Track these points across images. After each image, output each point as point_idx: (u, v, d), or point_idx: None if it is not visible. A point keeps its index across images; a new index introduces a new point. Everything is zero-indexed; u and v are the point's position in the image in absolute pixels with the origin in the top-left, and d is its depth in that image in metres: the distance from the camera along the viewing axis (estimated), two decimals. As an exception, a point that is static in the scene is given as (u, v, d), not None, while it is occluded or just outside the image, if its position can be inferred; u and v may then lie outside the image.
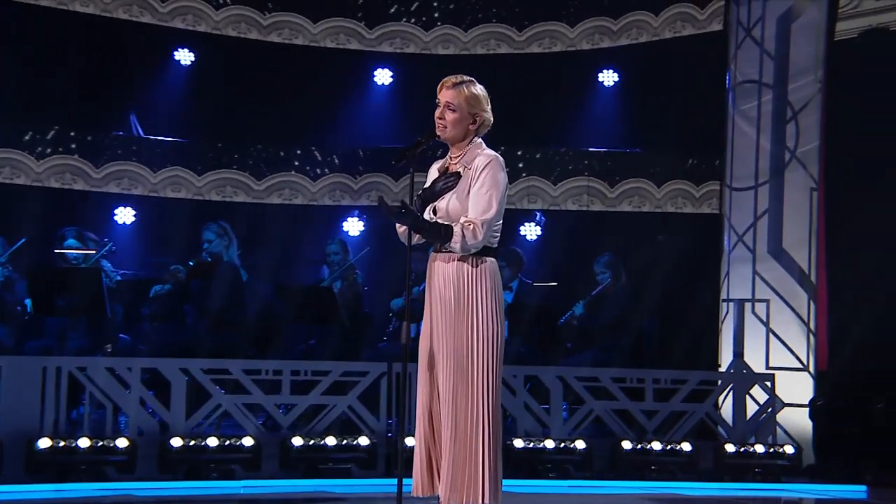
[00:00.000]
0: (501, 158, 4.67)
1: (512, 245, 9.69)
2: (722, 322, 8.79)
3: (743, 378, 7.93)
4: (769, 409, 7.85)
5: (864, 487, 7.50)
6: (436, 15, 11.54)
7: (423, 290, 4.78)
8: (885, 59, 9.32)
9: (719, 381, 8.05)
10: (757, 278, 8.64)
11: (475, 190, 4.59)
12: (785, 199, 8.61)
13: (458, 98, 4.70)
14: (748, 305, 8.62)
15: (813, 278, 8.57)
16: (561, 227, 10.36)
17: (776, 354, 8.54)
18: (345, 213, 11.15)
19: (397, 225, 4.77)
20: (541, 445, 7.38)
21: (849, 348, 8.85)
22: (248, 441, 7.05)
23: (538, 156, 10.79)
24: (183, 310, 8.35)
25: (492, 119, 4.71)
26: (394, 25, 11.57)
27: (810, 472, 7.65)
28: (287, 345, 8.57)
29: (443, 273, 4.65)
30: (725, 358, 8.70)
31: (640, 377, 7.71)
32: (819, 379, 8.51)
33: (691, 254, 9.48)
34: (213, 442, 6.99)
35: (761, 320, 8.57)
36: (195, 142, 11.01)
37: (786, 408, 8.20)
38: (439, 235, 4.56)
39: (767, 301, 8.59)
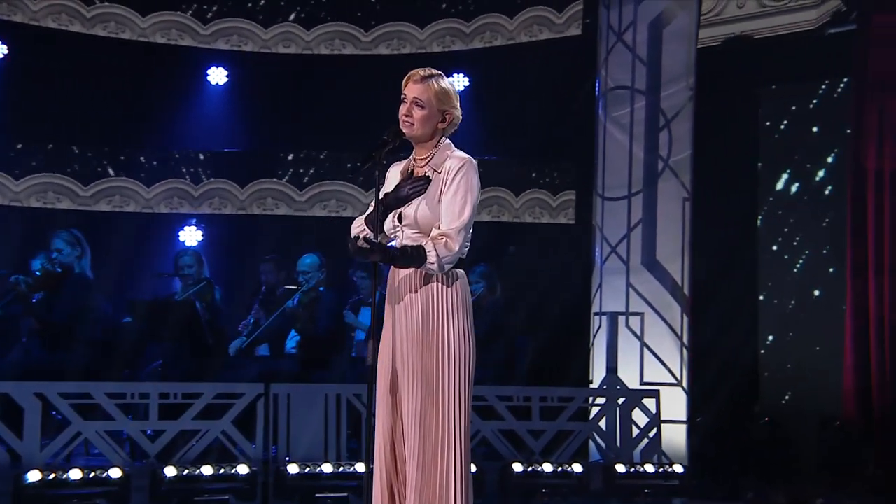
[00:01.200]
0: (475, 161, 4.36)
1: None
2: (594, 336, 8.72)
3: (631, 394, 7.85)
4: (654, 428, 7.78)
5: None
6: (276, 12, 11.12)
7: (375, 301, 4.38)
8: (749, 67, 9.50)
9: (605, 399, 7.94)
10: (631, 291, 8.59)
11: (449, 197, 4.29)
12: (658, 210, 8.61)
13: (427, 93, 4.38)
14: (622, 319, 8.58)
15: (686, 291, 8.58)
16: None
17: (650, 369, 8.51)
18: (182, 221, 10.60)
19: (360, 232, 4.42)
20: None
21: (717, 362, 8.94)
22: (115, 472, 6.52)
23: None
24: (24, 325, 7.72)
25: (461, 117, 4.39)
26: (230, 21, 11.10)
27: (690, 491, 7.61)
28: (140, 365, 8.05)
29: (408, 286, 4.32)
30: (598, 373, 8.63)
31: (526, 395, 7.53)
32: (692, 394, 8.52)
33: (561, 266, 9.41)
34: (75, 475, 6.43)
35: (635, 334, 8.54)
36: (6, 143, 10.27)
37: (661, 425, 8.14)
38: (414, 260, 4.23)
39: (642, 314, 8.56)
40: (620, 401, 7.82)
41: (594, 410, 8.05)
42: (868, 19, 8.77)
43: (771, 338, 9.64)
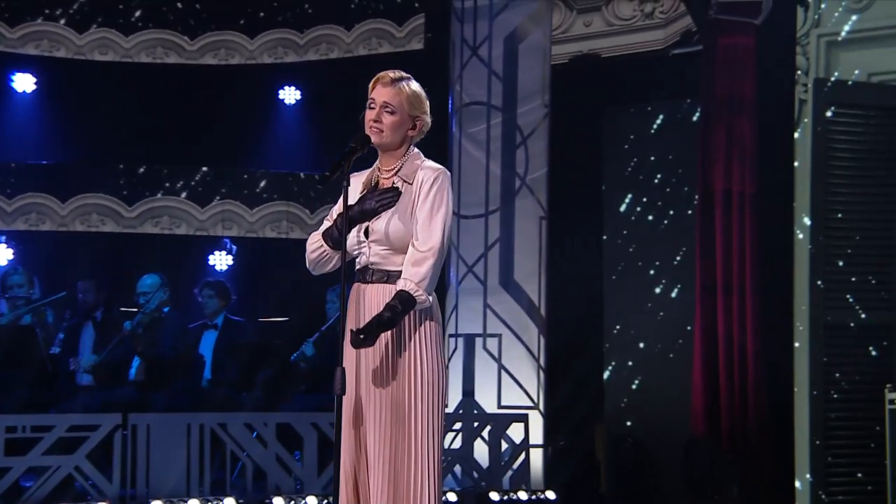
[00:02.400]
0: (448, 173, 4.10)
1: (207, 277, 9.02)
2: (450, 359, 8.55)
3: (498, 419, 7.72)
4: (523, 453, 7.67)
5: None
6: (90, 17, 10.54)
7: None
8: (596, 86, 9.55)
9: (461, 423, 7.78)
10: (489, 311, 8.47)
11: (424, 213, 4.02)
12: (516, 228, 8.53)
13: (398, 97, 4.11)
14: (479, 340, 8.44)
15: (542, 311, 8.53)
16: (258, 255, 9.75)
17: (508, 392, 8.41)
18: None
19: (312, 251, 4.09)
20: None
21: (571, 385, 8.92)
22: (-41, 517, 5.95)
23: (230, 177, 10.12)
24: None
25: (430, 124, 4.13)
26: (40, 25, 10.46)
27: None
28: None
29: (378, 307, 4.00)
30: (454, 397, 8.45)
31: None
32: (548, 417, 8.46)
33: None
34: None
35: (493, 356, 8.42)
36: None
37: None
38: (407, 308, 3.95)
39: (499, 335, 8.46)
40: (488, 426, 7.67)
41: (450, 436, 7.89)
42: (714, 41, 8.94)
43: (619, 360, 9.69)
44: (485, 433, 7.65)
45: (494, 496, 7.30)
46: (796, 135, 8.68)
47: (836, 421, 8.38)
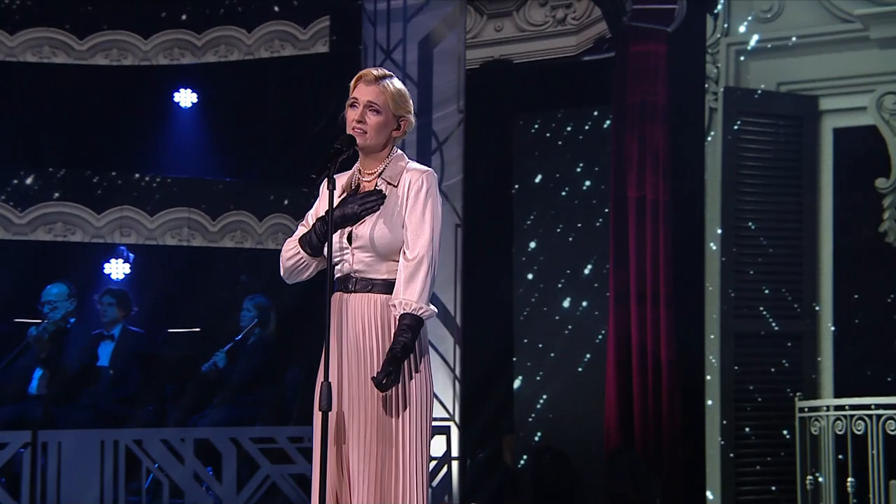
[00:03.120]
0: (436, 174, 3.91)
1: (106, 285, 8.67)
2: (363, 370, 8.33)
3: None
4: (445, 465, 7.51)
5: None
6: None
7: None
8: (507, 92, 9.47)
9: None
10: (404, 321, 8.27)
11: (416, 219, 3.83)
12: (434, 237, 8.33)
13: (383, 96, 3.92)
14: (394, 351, 8.23)
15: (458, 321, 8.39)
16: (157, 263, 9.41)
17: (423, 403, 8.22)
18: None
19: (288, 259, 3.86)
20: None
21: (485, 396, 8.81)
22: None
23: (128, 182, 9.75)
24: None
25: (414, 124, 3.94)
26: None
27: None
28: None
29: (361, 317, 3.80)
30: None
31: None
32: (464, 429, 8.32)
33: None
34: None
35: (408, 366, 8.21)
36: None
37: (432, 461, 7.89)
38: (418, 326, 3.82)
39: (416, 346, 8.24)
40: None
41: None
42: (627, 48, 8.93)
43: (529, 371, 9.61)
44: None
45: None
46: (707, 143, 8.73)
47: (748, 430, 8.43)
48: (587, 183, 9.57)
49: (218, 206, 9.89)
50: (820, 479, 7.99)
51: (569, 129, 9.65)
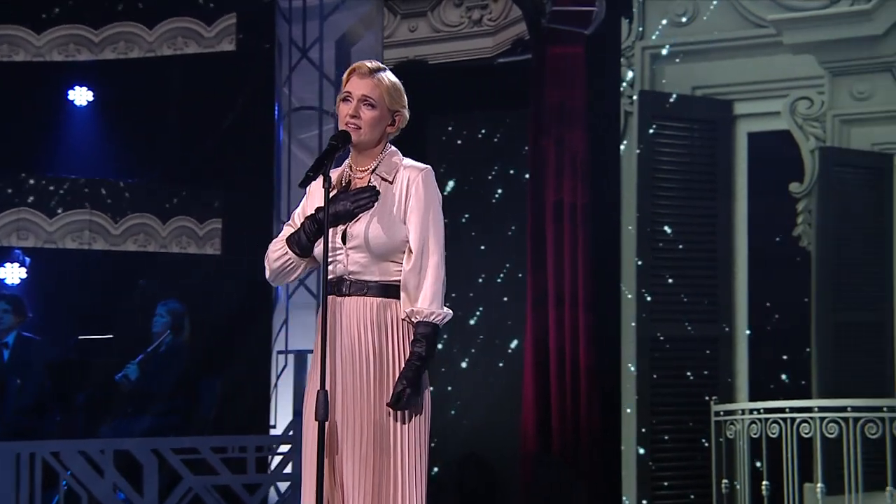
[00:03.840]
0: (432, 170, 3.74)
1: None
2: (279, 377, 8.11)
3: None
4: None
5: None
6: None
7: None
8: (423, 93, 9.29)
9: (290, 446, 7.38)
10: (323, 326, 8.07)
11: (418, 217, 3.63)
12: (351, 239, 8.15)
13: (378, 90, 3.76)
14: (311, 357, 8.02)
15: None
16: (57, 267, 9.03)
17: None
18: None
19: (276, 260, 3.65)
20: (151, 536, 6.23)
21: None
22: None
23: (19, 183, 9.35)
24: None
25: (408, 119, 3.77)
26: None
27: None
28: None
29: (357, 321, 3.60)
30: (283, 418, 8.03)
31: (241, 445, 6.83)
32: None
33: (236, 302, 8.73)
34: None
35: (327, 373, 8.02)
36: None
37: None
38: (434, 334, 3.69)
39: (334, 351, 8.05)
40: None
41: (277, 459, 7.48)
42: (545, 50, 8.87)
43: (444, 376, 9.47)
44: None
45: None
46: (623, 147, 8.73)
47: (665, 436, 8.45)
48: (502, 186, 9.48)
49: (120, 208, 9.56)
50: (735, 483, 8.05)
51: (483, 131, 9.56)
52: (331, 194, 3.71)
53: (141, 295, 8.63)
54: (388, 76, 3.87)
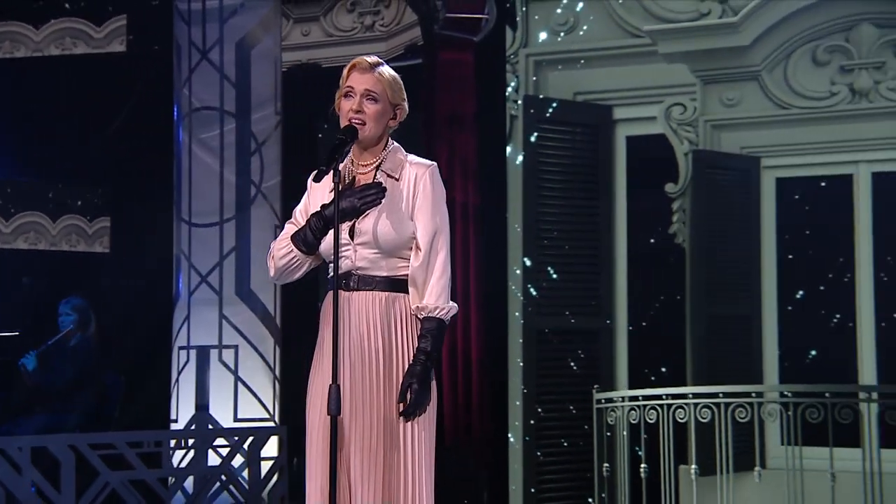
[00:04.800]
0: (437, 167, 3.54)
1: None
2: (180, 372, 7.77)
3: (259, 432, 7.06)
4: (280, 467, 7.06)
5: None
6: None
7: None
8: (318, 95, 9.06)
9: (193, 439, 7.07)
10: (224, 323, 7.77)
11: (427, 216, 3.44)
12: (252, 238, 7.88)
13: (381, 84, 3.58)
14: (214, 352, 7.72)
15: (278, 321, 7.94)
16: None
17: (244, 405, 7.75)
18: None
19: (281, 258, 3.37)
20: (69, 533, 5.83)
21: (305, 395, 8.39)
22: None
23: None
24: None
25: (408, 112, 3.56)
26: None
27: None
28: None
29: (366, 316, 3.47)
30: (184, 412, 7.69)
31: (157, 440, 6.49)
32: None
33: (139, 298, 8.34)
34: None
35: (229, 368, 7.72)
36: None
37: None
38: (442, 329, 3.53)
39: (236, 347, 7.77)
40: (249, 440, 7.00)
41: (180, 453, 7.16)
42: (435, 55, 8.75)
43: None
44: (254, 447, 6.97)
45: (264, 512, 6.69)
46: (509, 150, 8.68)
47: (550, 423, 8.42)
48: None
49: (9, 206, 9.05)
50: (616, 466, 8.05)
51: (376, 134, 9.36)
52: (331, 192, 3.51)
53: (33, 293, 8.18)
54: (388, 70, 3.74)
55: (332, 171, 3.49)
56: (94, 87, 9.27)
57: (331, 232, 3.51)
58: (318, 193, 3.68)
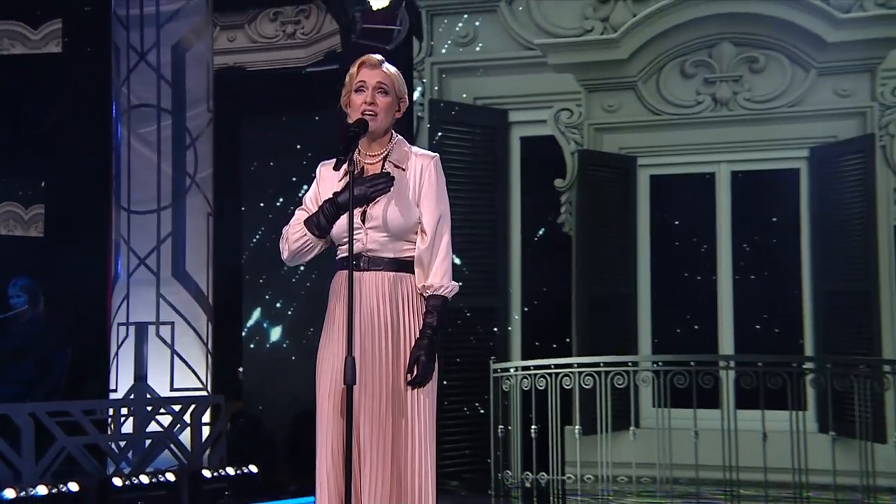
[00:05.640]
0: (439, 158, 3.77)
1: None
2: (119, 347, 7.85)
3: (200, 400, 7.21)
4: (220, 433, 7.22)
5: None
6: None
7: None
8: (241, 95, 9.18)
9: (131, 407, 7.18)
10: (161, 301, 7.87)
11: (431, 204, 3.66)
12: (187, 224, 8.00)
13: (389, 78, 3.70)
14: (152, 328, 7.83)
15: (210, 300, 8.08)
16: None
17: (180, 376, 7.87)
18: None
19: (295, 241, 3.53)
20: (33, 493, 5.90)
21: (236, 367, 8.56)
22: None
23: None
24: None
25: (408, 104, 3.73)
26: None
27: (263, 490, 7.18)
28: None
29: (375, 294, 3.57)
30: (123, 383, 7.79)
31: (110, 408, 6.60)
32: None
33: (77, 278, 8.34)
34: None
35: (166, 343, 7.84)
36: None
37: (188, 428, 7.56)
38: (445, 308, 3.62)
39: (172, 323, 7.89)
40: (191, 407, 7.14)
41: (121, 420, 7.26)
42: (352, 61, 8.88)
43: (257, 343, 9.39)
44: (196, 414, 7.10)
45: (207, 473, 6.80)
46: (416, 147, 8.89)
47: (452, 390, 8.65)
48: (307, 179, 9.46)
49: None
50: (510, 428, 8.32)
51: (292, 132, 9.53)
52: (344, 180, 3.62)
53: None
54: (392, 67, 3.79)
55: (347, 161, 3.51)
56: (31, 85, 9.21)
57: (342, 217, 3.55)
58: (328, 182, 3.69)
